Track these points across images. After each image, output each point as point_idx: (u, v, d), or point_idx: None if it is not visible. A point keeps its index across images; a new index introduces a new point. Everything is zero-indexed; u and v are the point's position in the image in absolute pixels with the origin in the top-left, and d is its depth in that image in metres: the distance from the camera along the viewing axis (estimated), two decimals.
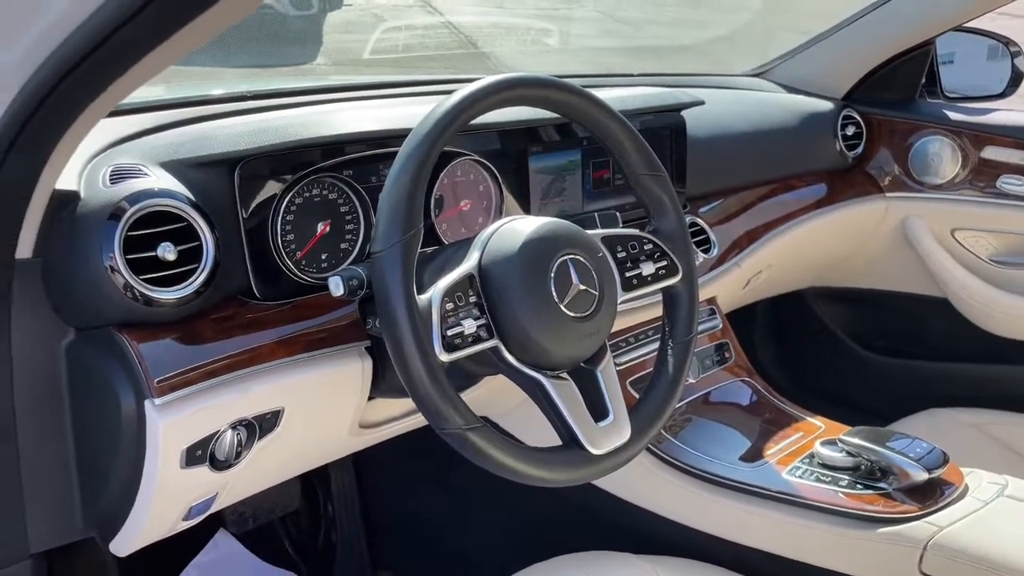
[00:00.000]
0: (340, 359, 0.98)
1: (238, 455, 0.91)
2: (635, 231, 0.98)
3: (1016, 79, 1.80)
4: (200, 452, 0.88)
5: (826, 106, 1.79)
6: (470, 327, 0.82)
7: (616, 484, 1.27)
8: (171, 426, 0.84)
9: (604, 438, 0.87)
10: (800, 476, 1.14)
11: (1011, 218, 1.72)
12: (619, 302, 0.93)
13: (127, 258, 0.82)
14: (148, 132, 1.01)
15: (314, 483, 1.59)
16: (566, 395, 0.86)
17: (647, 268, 0.96)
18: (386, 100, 1.30)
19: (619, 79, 1.63)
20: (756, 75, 1.92)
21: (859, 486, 1.10)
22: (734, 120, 1.60)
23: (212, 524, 1.48)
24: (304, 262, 1.00)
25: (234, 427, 0.90)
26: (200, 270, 0.87)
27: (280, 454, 0.98)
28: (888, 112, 1.82)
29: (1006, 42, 1.81)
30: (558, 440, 0.87)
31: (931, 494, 1.08)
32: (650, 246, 0.98)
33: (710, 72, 1.89)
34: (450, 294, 0.82)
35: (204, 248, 0.87)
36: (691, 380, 1.36)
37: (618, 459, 0.88)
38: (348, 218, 1.03)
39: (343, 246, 1.03)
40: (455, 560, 1.53)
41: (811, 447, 1.19)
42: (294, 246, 0.99)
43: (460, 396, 0.80)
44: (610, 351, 0.93)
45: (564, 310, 0.86)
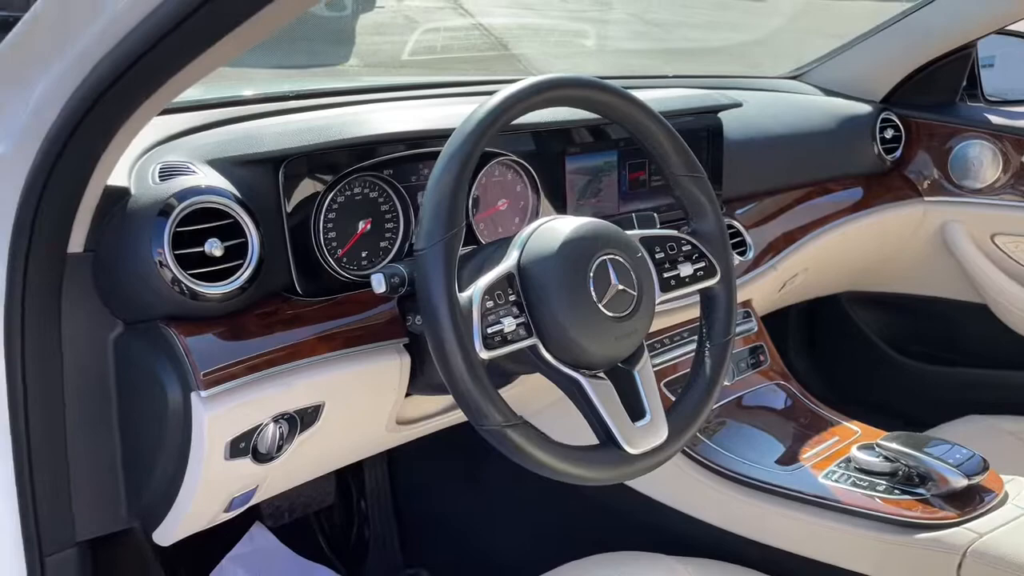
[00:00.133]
0: (379, 355, 0.99)
1: (279, 448, 0.93)
2: (673, 232, 0.98)
3: None
4: (243, 444, 0.89)
5: (864, 109, 1.78)
6: (510, 325, 0.83)
7: (649, 485, 1.27)
8: (216, 418, 0.85)
9: (641, 438, 0.87)
10: (836, 480, 1.13)
11: None
12: (657, 303, 0.94)
13: (175, 253, 0.84)
14: (194, 131, 1.03)
15: (348, 480, 1.60)
16: (603, 394, 0.86)
17: (685, 269, 0.96)
18: (424, 101, 1.31)
19: (655, 80, 1.63)
20: (792, 77, 1.91)
21: (897, 491, 1.09)
22: (771, 122, 1.59)
23: (247, 517, 1.50)
24: (345, 260, 1.01)
25: (276, 420, 0.92)
26: (245, 266, 0.88)
27: (319, 448, 1.00)
28: (928, 115, 1.80)
29: None
30: (590, 441, 0.87)
31: (970, 500, 1.07)
32: (688, 247, 0.98)
33: (745, 74, 1.89)
34: (490, 292, 0.83)
35: (249, 245, 0.89)
36: (725, 383, 1.36)
37: (655, 459, 0.88)
38: (388, 217, 1.05)
39: (383, 244, 1.05)
40: (486, 558, 1.54)
41: (847, 452, 1.18)
42: (335, 244, 1.00)
43: (499, 393, 0.81)
44: (647, 351, 0.93)
45: (603, 310, 0.87)
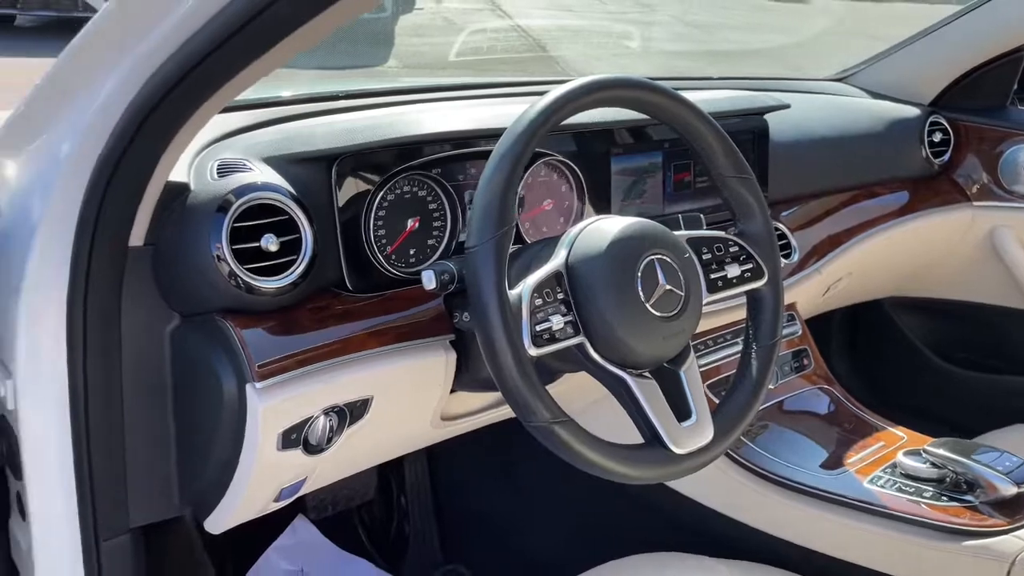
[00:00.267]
0: (426, 351, 1.01)
1: (329, 440, 0.95)
2: (721, 233, 0.98)
3: None
4: (295, 436, 0.91)
5: (912, 112, 1.75)
6: (558, 323, 0.84)
7: (691, 486, 1.27)
8: (270, 410, 0.87)
9: (687, 438, 0.87)
10: (882, 486, 1.13)
11: None
12: (703, 303, 0.94)
13: (232, 248, 0.86)
14: (249, 129, 1.05)
15: (389, 475, 1.62)
16: (650, 394, 0.87)
17: (732, 270, 0.96)
18: (470, 101, 1.33)
19: (700, 82, 1.62)
20: (838, 80, 1.89)
21: (944, 498, 1.08)
22: (816, 124, 1.58)
23: (291, 509, 1.53)
24: (394, 257, 1.03)
25: (326, 413, 0.94)
26: (299, 261, 0.90)
27: (367, 441, 1.02)
28: (977, 119, 1.78)
29: None
30: (631, 440, 0.88)
31: (1020, 508, 1.05)
32: (735, 248, 0.98)
33: (790, 76, 1.87)
34: (539, 290, 0.84)
35: (303, 240, 0.91)
36: (768, 387, 1.35)
37: (700, 459, 0.89)
38: (436, 215, 1.06)
39: (430, 242, 1.06)
40: (524, 556, 1.55)
41: (893, 457, 1.17)
42: (385, 241, 1.02)
43: (547, 390, 0.82)
44: (693, 352, 0.93)
45: (650, 309, 0.87)
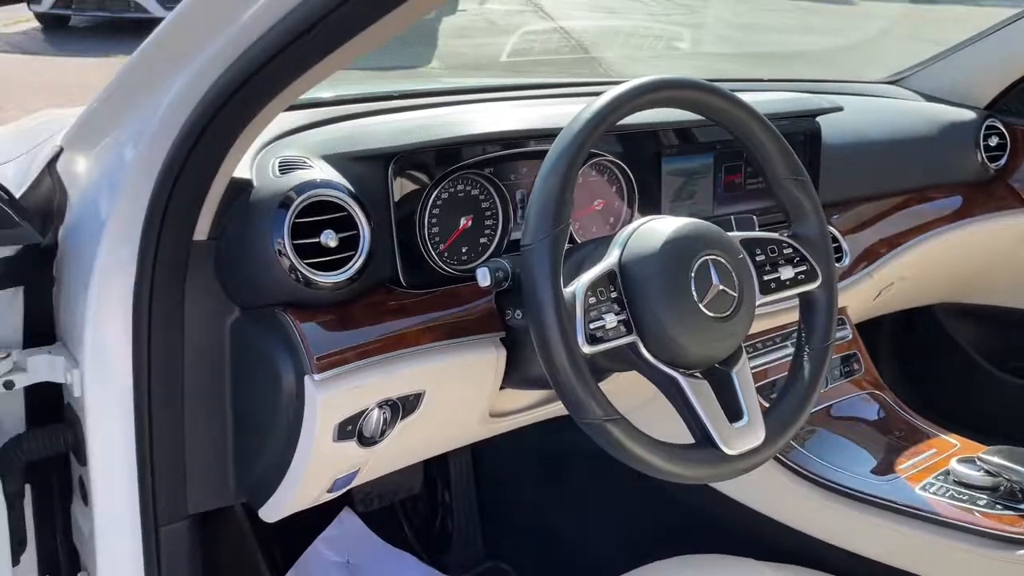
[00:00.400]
0: (477, 348, 1.02)
1: (382, 433, 0.97)
2: (775, 235, 0.98)
3: None
4: (350, 427, 0.93)
5: (967, 116, 1.72)
6: (611, 322, 0.84)
7: (737, 488, 1.27)
8: (328, 401, 0.89)
9: (738, 439, 0.87)
10: (934, 493, 1.11)
11: None
12: (756, 305, 0.94)
13: (293, 243, 0.89)
14: (308, 127, 1.07)
15: (434, 471, 1.64)
16: (701, 394, 0.87)
17: (786, 272, 0.96)
18: (522, 101, 1.34)
19: (750, 84, 1.62)
20: (891, 82, 1.86)
21: (998, 506, 1.07)
22: (869, 127, 1.56)
23: (336, 502, 1.55)
24: (447, 254, 1.04)
25: (380, 406, 0.95)
26: (356, 257, 0.92)
27: (418, 435, 1.03)
28: None
29: None
30: (678, 442, 0.88)
31: None
32: (789, 250, 0.97)
33: (841, 79, 1.85)
34: (592, 288, 0.84)
35: (361, 237, 0.93)
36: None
37: (751, 461, 0.89)
38: (488, 214, 1.07)
39: (482, 240, 1.07)
40: (567, 554, 1.55)
41: (946, 464, 1.16)
42: (438, 239, 1.03)
43: (600, 388, 0.83)
44: (745, 353, 0.93)
45: (703, 310, 0.87)
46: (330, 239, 0.90)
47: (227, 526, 1.32)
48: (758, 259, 0.95)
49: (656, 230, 0.90)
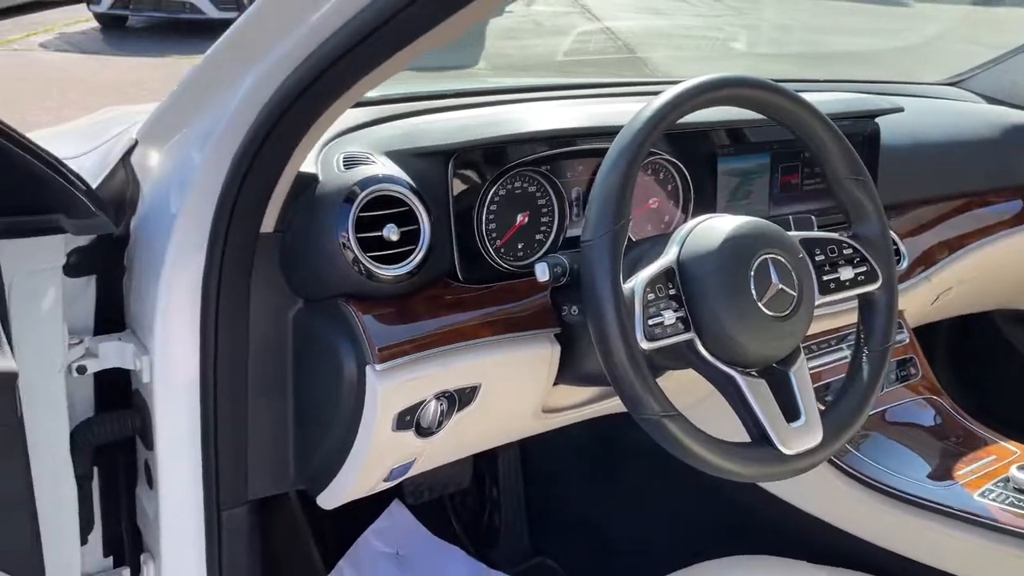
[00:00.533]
0: (532, 343, 1.03)
1: (439, 424, 0.98)
2: (835, 235, 0.97)
3: None
4: (408, 418, 0.95)
5: None
6: (669, 318, 0.85)
7: (788, 489, 1.26)
8: (388, 391, 0.91)
9: (796, 439, 0.87)
10: (993, 499, 1.09)
11: None
12: (815, 305, 0.93)
13: (357, 236, 0.91)
14: (370, 124, 1.10)
15: (482, 466, 1.66)
16: (759, 393, 0.87)
17: (846, 273, 0.96)
18: (576, 100, 1.35)
19: (807, 84, 1.60)
20: (951, 84, 1.83)
21: None
22: (929, 129, 1.54)
23: (385, 494, 1.57)
24: (503, 250, 1.05)
25: (438, 398, 0.97)
26: (417, 251, 0.94)
27: (473, 428, 1.05)
28: None
29: None
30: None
31: None
32: (849, 251, 0.97)
33: (899, 80, 1.83)
34: (651, 285, 0.85)
35: (421, 231, 0.95)
36: None
37: (808, 461, 0.88)
38: (544, 210, 1.09)
39: (538, 237, 1.09)
40: (614, 552, 1.56)
41: (1005, 471, 1.14)
42: (495, 234, 1.05)
43: (658, 384, 0.83)
44: (803, 353, 0.93)
45: (762, 308, 0.87)
46: (392, 233, 0.92)
47: (282, 514, 1.35)
48: (817, 259, 0.95)
49: (715, 228, 0.90)
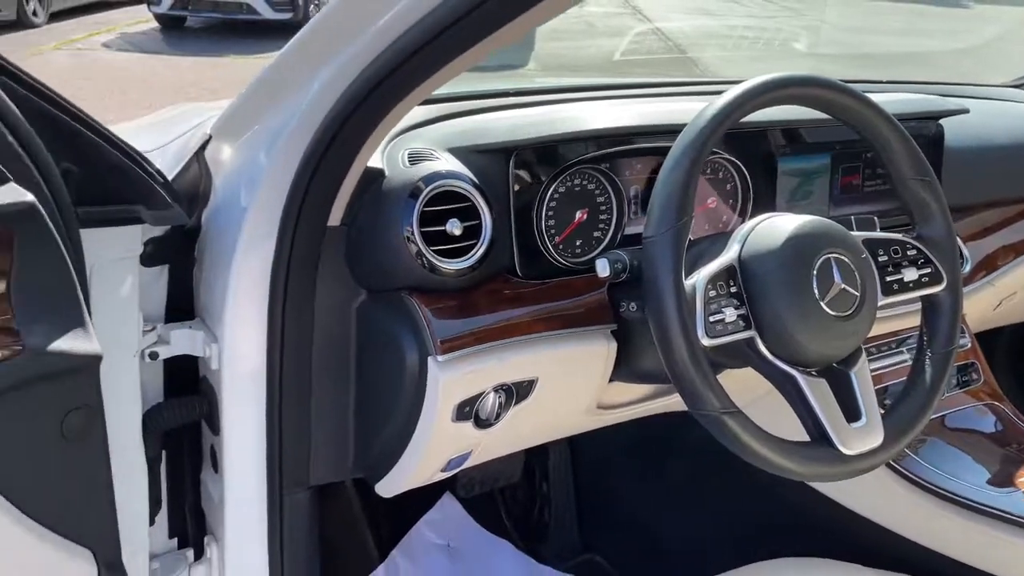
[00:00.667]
0: (589, 339, 1.04)
1: (497, 416, 1.00)
2: (899, 236, 0.97)
3: None
4: (467, 409, 0.97)
5: None
6: (730, 315, 0.85)
7: (843, 491, 1.25)
8: (449, 382, 0.93)
9: (856, 439, 0.87)
10: None
11: None
12: (878, 306, 0.93)
13: (421, 230, 0.93)
14: (433, 121, 1.12)
15: (533, 461, 1.67)
16: (819, 392, 0.87)
17: (909, 274, 0.95)
18: (634, 99, 1.35)
19: (868, 85, 1.58)
20: (1017, 86, 1.79)
21: None
22: (994, 131, 1.51)
23: (437, 487, 1.60)
24: (561, 246, 1.07)
25: (496, 390, 0.99)
26: (479, 245, 0.96)
27: (529, 421, 1.06)
28: None
29: None
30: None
31: None
32: (913, 252, 0.96)
33: (964, 81, 1.79)
34: (712, 282, 0.85)
35: (483, 226, 0.96)
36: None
37: (869, 462, 0.88)
38: (603, 208, 1.09)
39: (596, 234, 1.10)
40: (664, 551, 1.56)
41: None
42: (554, 231, 1.06)
43: (718, 380, 0.83)
44: (865, 354, 0.92)
45: (824, 308, 0.87)
46: (455, 227, 0.94)
47: (339, 502, 1.38)
48: (880, 260, 0.94)
49: (777, 226, 0.90)
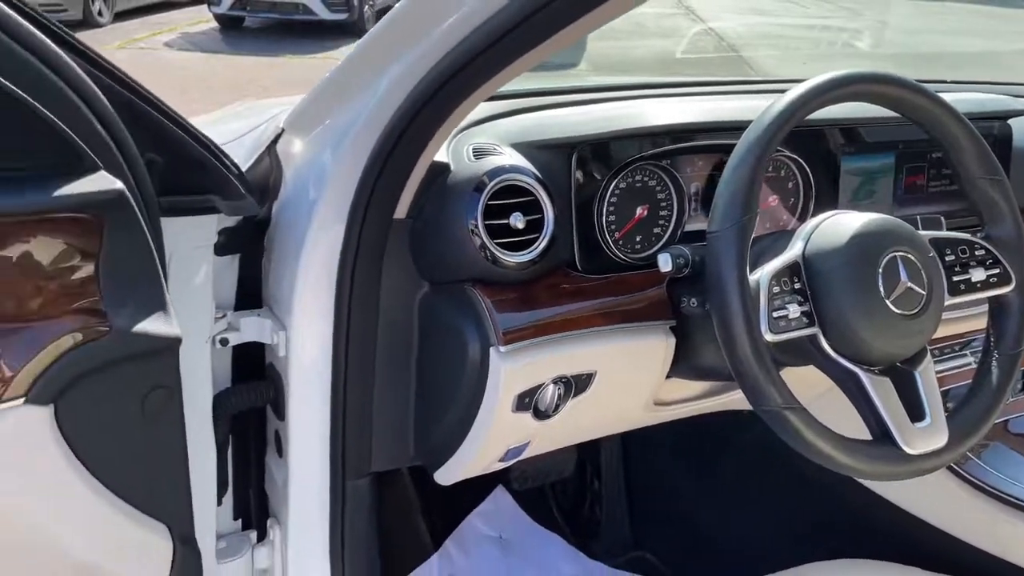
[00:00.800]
0: (648, 334, 1.05)
1: (555, 408, 1.01)
2: (967, 235, 0.95)
3: None
4: (527, 400, 0.98)
5: None
6: (794, 312, 0.85)
7: (902, 494, 1.23)
8: (510, 373, 0.95)
9: (920, 439, 0.86)
10: None
11: None
12: (944, 306, 0.92)
13: (484, 223, 0.94)
14: (496, 117, 1.13)
15: (585, 457, 1.68)
16: (882, 391, 0.86)
17: (977, 274, 0.94)
18: (694, 97, 1.35)
19: (935, 85, 1.56)
20: None
21: None
22: None
23: (488, 479, 1.62)
24: (621, 242, 1.08)
25: (555, 382, 1.00)
26: (540, 239, 0.97)
27: (587, 414, 1.07)
28: None
29: None
30: None
31: None
32: (982, 252, 0.95)
33: None
34: (776, 278, 0.86)
35: (545, 220, 0.98)
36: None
37: (933, 462, 0.87)
38: (663, 204, 1.10)
39: (656, 230, 1.10)
40: (716, 550, 1.55)
41: None
42: (614, 226, 1.07)
43: (781, 376, 0.84)
44: (930, 354, 0.91)
45: (890, 306, 0.87)
46: (518, 221, 0.96)
47: (396, 491, 1.41)
48: (948, 260, 0.93)
49: (843, 224, 0.90)
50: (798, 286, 0.87)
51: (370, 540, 1.13)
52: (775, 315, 0.84)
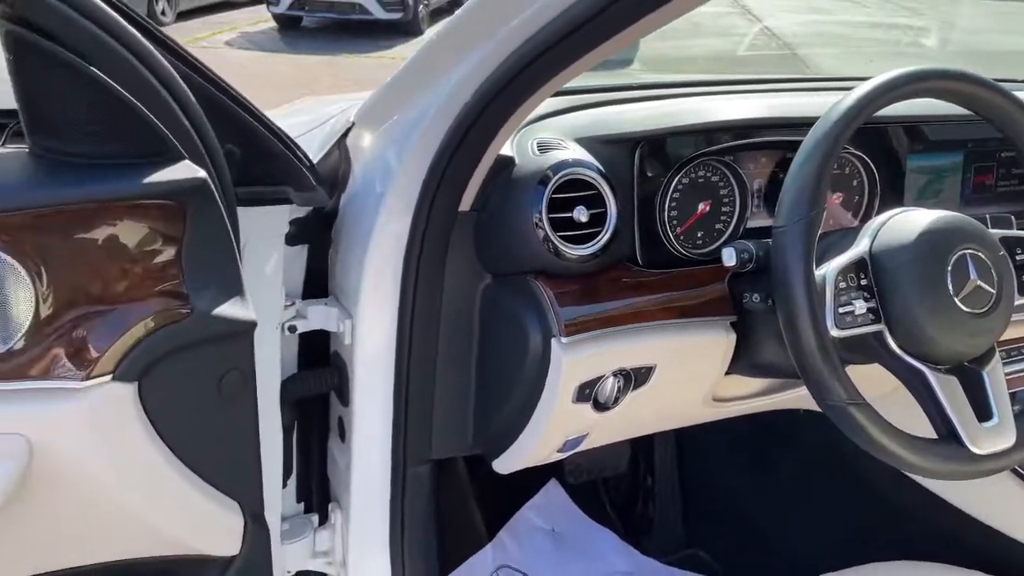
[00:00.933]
0: (708, 329, 1.05)
1: (615, 401, 1.02)
2: None
3: None
4: (587, 391, 0.99)
5: None
6: (860, 308, 0.85)
7: (963, 497, 1.21)
8: (571, 363, 0.96)
9: (987, 439, 0.85)
10: None
11: None
12: (1015, 305, 0.90)
13: (549, 216, 0.96)
14: (558, 113, 1.15)
15: (639, 453, 1.68)
16: (949, 390, 0.85)
17: None
18: (755, 94, 1.34)
19: (1006, 84, 1.52)
20: None
21: None
22: None
23: (541, 471, 1.63)
24: (683, 237, 1.08)
25: (615, 374, 1.01)
26: (603, 233, 0.98)
27: (646, 407, 1.08)
28: None
29: None
30: None
31: None
32: None
33: None
34: (843, 274, 0.85)
35: (608, 214, 0.99)
36: None
37: (1000, 463, 0.86)
38: (726, 200, 1.10)
39: (717, 226, 1.10)
40: (770, 549, 1.55)
41: None
42: (676, 221, 1.07)
43: (846, 371, 0.83)
44: (999, 354, 0.90)
45: (958, 304, 0.86)
46: (582, 215, 0.97)
47: (453, 479, 1.43)
48: (1018, 259, 0.92)
49: (911, 220, 0.89)
50: (864, 282, 0.86)
51: (428, 526, 1.16)
52: (841, 311, 0.84)
